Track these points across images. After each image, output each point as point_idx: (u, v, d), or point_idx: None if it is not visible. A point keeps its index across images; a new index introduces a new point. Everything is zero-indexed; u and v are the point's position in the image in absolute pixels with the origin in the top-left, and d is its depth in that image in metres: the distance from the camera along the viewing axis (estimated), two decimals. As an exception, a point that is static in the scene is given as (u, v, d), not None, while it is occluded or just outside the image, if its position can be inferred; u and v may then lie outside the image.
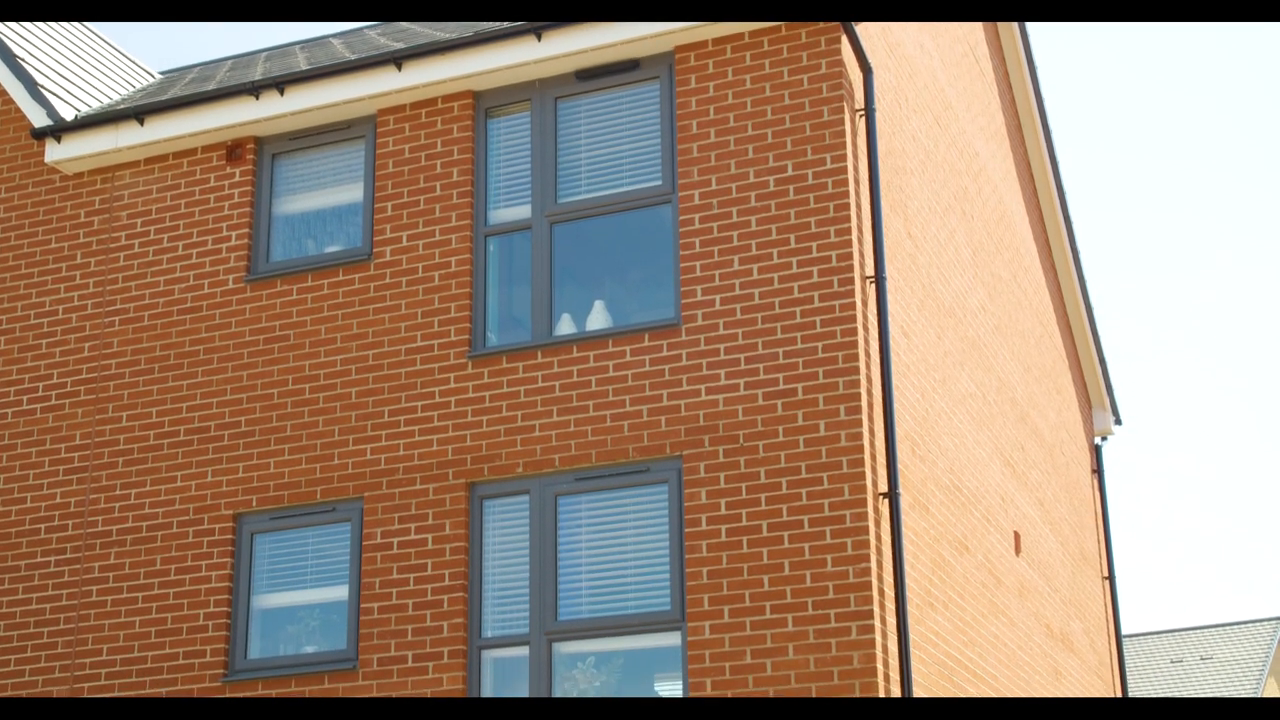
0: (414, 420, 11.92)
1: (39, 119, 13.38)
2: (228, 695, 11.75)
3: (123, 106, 13.35)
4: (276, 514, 12.17)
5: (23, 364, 13.19)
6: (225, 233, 12.93)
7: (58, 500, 12.73)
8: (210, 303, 12.79)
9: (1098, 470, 19.67)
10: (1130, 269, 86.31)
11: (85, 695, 12.09)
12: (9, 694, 12.34)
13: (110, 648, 12.19)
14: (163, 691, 11.92)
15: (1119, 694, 18.37)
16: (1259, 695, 36.22)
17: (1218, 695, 36.53)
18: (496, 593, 11.51)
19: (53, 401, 12.98)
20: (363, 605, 11.66)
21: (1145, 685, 37.89)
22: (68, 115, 13.39)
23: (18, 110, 13.87)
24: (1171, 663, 38.88)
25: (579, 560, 11.40)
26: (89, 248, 13.32)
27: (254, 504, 12.19)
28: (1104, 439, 20.06)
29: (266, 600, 12.13)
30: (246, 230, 12.88)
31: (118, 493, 12.54)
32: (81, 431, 12.82)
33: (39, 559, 12.64)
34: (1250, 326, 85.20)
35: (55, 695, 12.20)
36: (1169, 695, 37.24)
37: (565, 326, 11.91)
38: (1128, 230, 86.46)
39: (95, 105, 13.88)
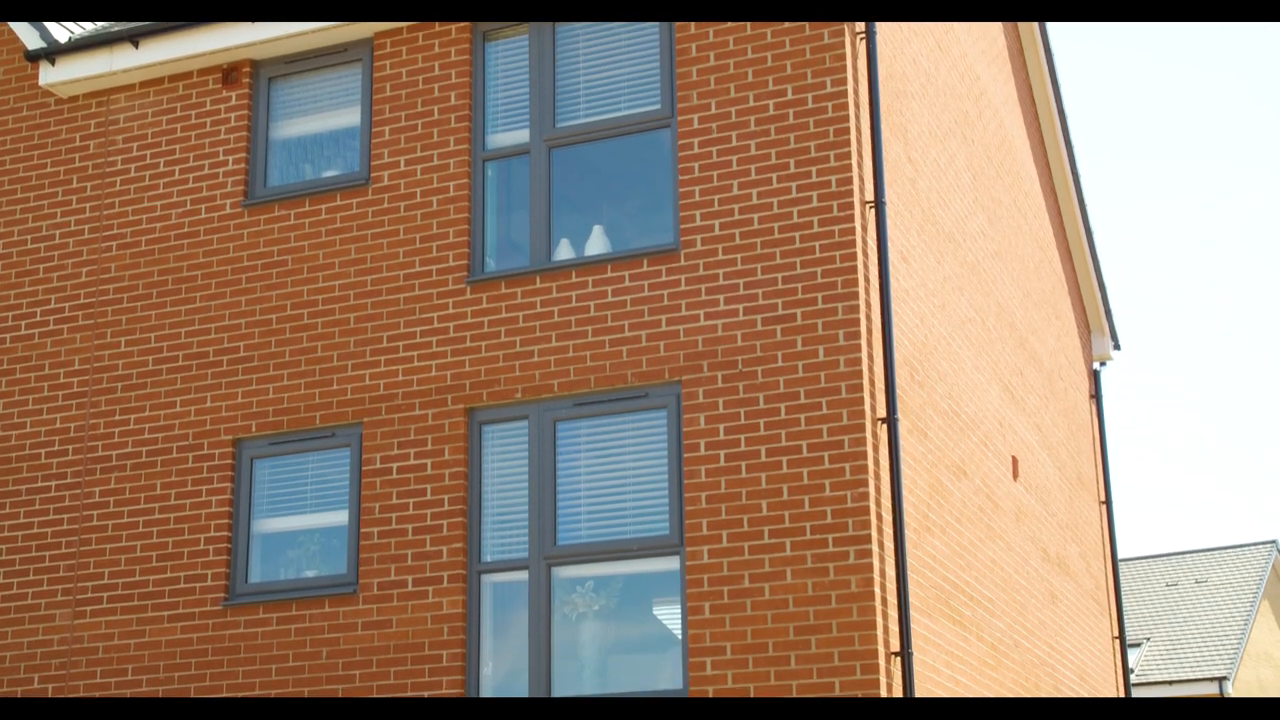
0: (413, 346, 11.91)
1: (33, 41, 13.27)
2: (229, 619, 11.83)
3: (117, 29, 13.24)
4: (276, 439, 12.19)
5: (20, 288, 13.16)
6: (222, 157, 12.86)
7: (57, 425, 12.75)
8: (208, 228, 12.74)
9: (1096, 395, 19.70)
10: (1130, 194, 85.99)
11: (87, 619, 12.18)
12: (11, 617, 12.42)
13: (111, 571, 12.25)
14: (165, 615, 12.00)
15: (1114, 616, 18.50)
16: (1251, 617, 36.48)
17: (1211, 617, 36.81)
18: (495, 517, 11.56)
19: (50, 326, 12.97)
20: (362, 530, 11.71)
21: (1140, 608, 38.18)
22: (62, 38, 13.28)
23: (11, 33, 13.75)
24: (1166, 586, 39.15)
25: (578, 485, 11.43)
26: (84, 172, 13.25)
27: (253, 429, 12.21)
28: (1102, 364, 20.07)
29: (266, 525, 12.18)
30: (243, 155, 12.81)
31: (117, 418, 12.56)
32: (80, 356, 12.82)
33: (39, 483, 12.67)
34: (1250, 251, 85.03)
35: (58, 619, 12.28)
36: (1163, 617, 37.54)
37: (564, 252, 11.88)
38: (1128, 155, 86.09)
39: (90, 28, 13.76)
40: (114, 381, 12.65)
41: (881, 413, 10.97)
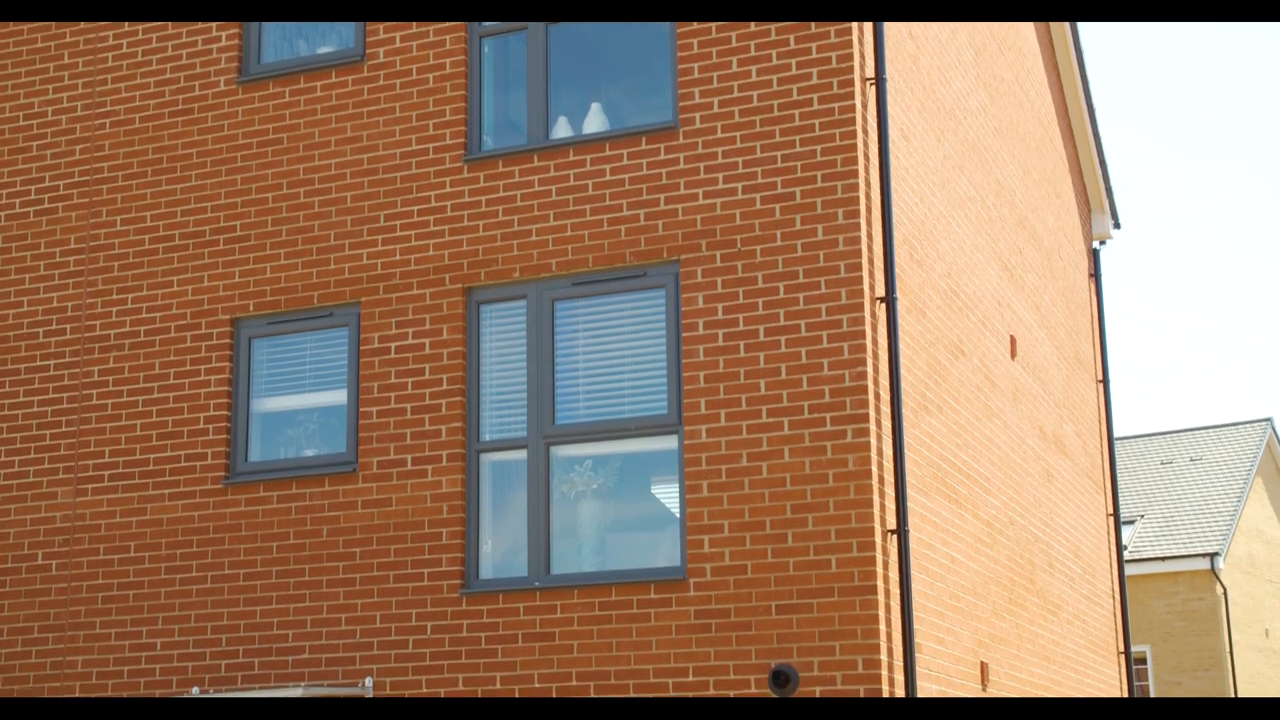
0: (410, 225, 11.85)
1: (20, -86, 13.04)
2: (230, 497, 11.90)
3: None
4: (273, 319, 12.17)
5: (13, 166, 13.07)
6: (215, 33, 12.69)
7: (54, 304, 12.72)
8: (202, 105, 12.62)
9: (1095, 274, 19.65)
10: (1133, 71, 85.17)
11: (89, 497, 12.25)
12: (14, 494, 12.50)
13: (112, 449, 12.30)
14: (166, 493, 12.07)
15: (1109, 494, 18.62)
16: (1244, 494, 36.76)
17: (1205, 495, 37.08)
18: (494, 397, 11.58)
19: (45, 205, 12.89)
20: (361, 409, 11.74)
21: (1135, 485, 38.46)
22: (50, -90, 13.04)
23: (-2, -95, 13.50)
24: (1161, 464, 39.40)
25: (576, 365, 11.44)
26: (76, 48, 13.09)
27: (250, 309, 12.19)
28: (1102, 243, 20.00)
29: (265, 404, 12.20)
30: (237, 30, 12.65)
31: (114, 297, 12.53)
32: (75, 235, 12.75)
33: (38, 362, 12.68)
34: (1250, 128, 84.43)
35: (60, 496, 12.35)
36: (1157, 494, 37.81)
37: (562, 130, 11.77)
38: (1133, 32, 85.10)
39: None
40: (110, 260, 12.60)
41: (880, 292, 10.95)
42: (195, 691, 11.53)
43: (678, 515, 10.95)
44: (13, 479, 12.55)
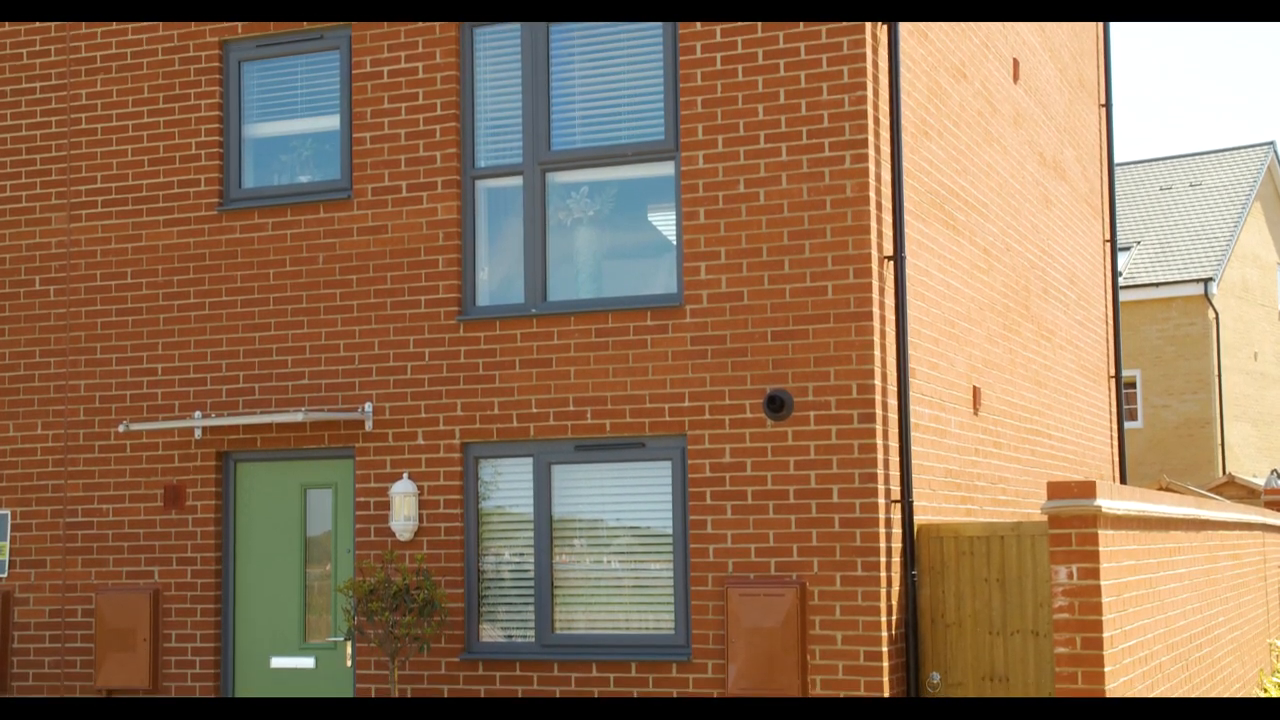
0: (399, -57, 11.49)
1: None
2: (224, 224, 11.85)
3: None
4: (263, 41, 11.92)
5: (-12, -118, 12.61)
6: None
7: (35, 24, 12.45)
8: None
9: (1102, -5, 19.19)
10: None
11: (83, 223, 12.19)
12: (7, 219, 12.44)
13: (104, 175, 12.20)
14: (160, 220, 12.01)
15: (1106, 220, 18.57)
16: (1242, 219, 36.71)
17: (1202, 220, 37.03)
18: (489, 123, 11.43)
19: (23, -78, 12.48)
20: (355, 135, 11.59)
21: (1133, 211, 38.37)
22: None
23: None
24: (1160, 190, 39.22)
25: (572, 89, 11.25)
26: None
27: (239, 30, 11.93)
28: (1110, -38, 19.47)
29: (258, 130, 12.05)
30: None
31: (100, 23, 12.23)
32: (56, -46, 12.38)
33: (23, 84, 12.47)
34: None
35: (54, 222, 12.29)
36: (1155, 220, 37.76)
37: None
38: None
39: None
40: (93, -19, 12.27)
41: (882, 14, 10.69)
42: (197, 416, 11.69)
43: (674, 242, 10.92)
44: (5, 204, 12.47)
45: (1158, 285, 34.94)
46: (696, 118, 10.75)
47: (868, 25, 10.45)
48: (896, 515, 10.40)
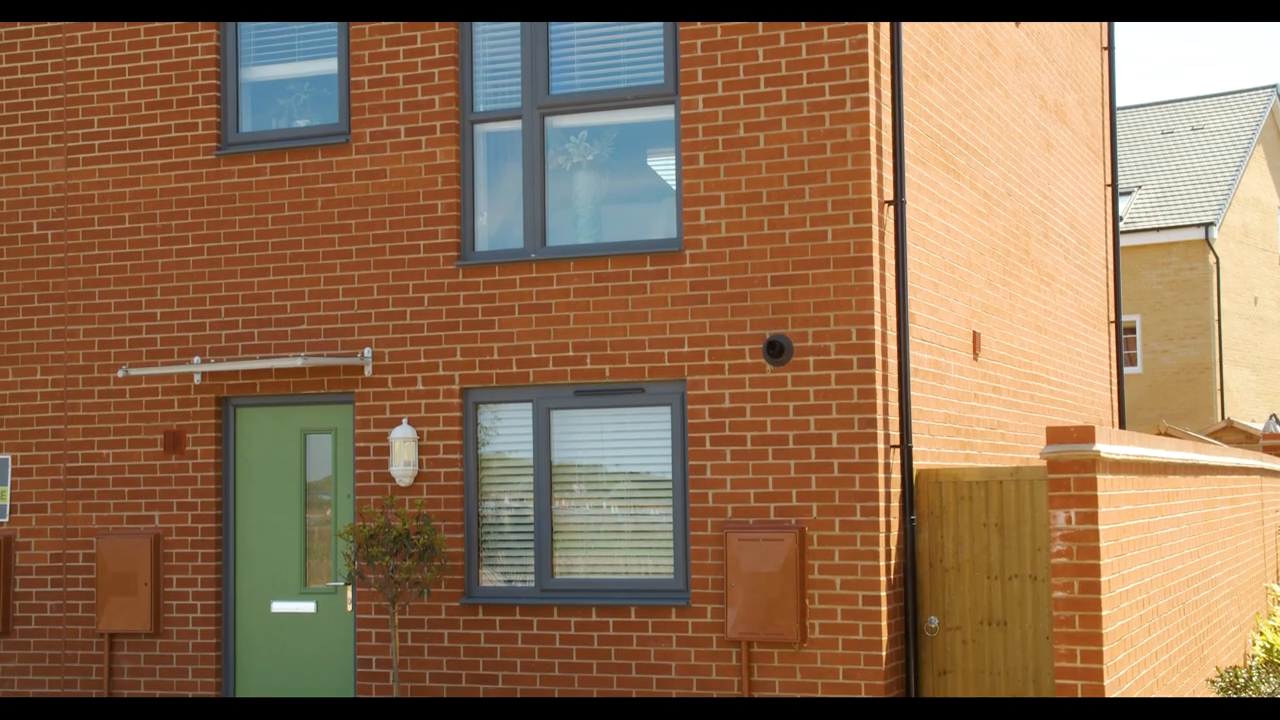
0: (397, -116, 11.39)
1: None
2: (222, 168, 11.80)
3: None
4: (259, -16, 11.83)
5: None
6: None
7: (33, -31, 12.38)
8: None
9: (1105, -63, 19.04)
10: None
11: (80, 167, 12.14)
12: (5, 164, 12.39)
13: (101, 119, 12.14)
14: (158, 164, 11.96)
15: (1107, 164, 18.51)
16: (1244, 163, 36.59)
17: (1204, 164, 36.91)
18: (487, 67, 11.36)
19: None
20: (353, 79, 11.53)
21: (1135, 155, 38.23)
22: None
23: None
24: (1162, 134, 39.06)
25: (571, 32, 11.18)
26: None
27: (235, -27, 11.84)
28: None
29: (255, 73, 11.98)
30: None
31: (94, -39, 12.15)
32: (50, -104, 12.27)
33: (17, 27, 12.39)
34: None
35: (51, 166, 12.25)
36: (1156, 164, 37.63)
37: None
38: None
39: None
40: (88, -78, 12.16)
41: (884, -43, 10.61)
42: (196, 360, 11.69)
43: (674, 187, 10.88)
44: (2, 148, 12.42)
45: (1158, 230, 34.87)
46: (696, 61, 10.69)
47: (869, -32, 10.36)
48: (895, 460, 10.41)
